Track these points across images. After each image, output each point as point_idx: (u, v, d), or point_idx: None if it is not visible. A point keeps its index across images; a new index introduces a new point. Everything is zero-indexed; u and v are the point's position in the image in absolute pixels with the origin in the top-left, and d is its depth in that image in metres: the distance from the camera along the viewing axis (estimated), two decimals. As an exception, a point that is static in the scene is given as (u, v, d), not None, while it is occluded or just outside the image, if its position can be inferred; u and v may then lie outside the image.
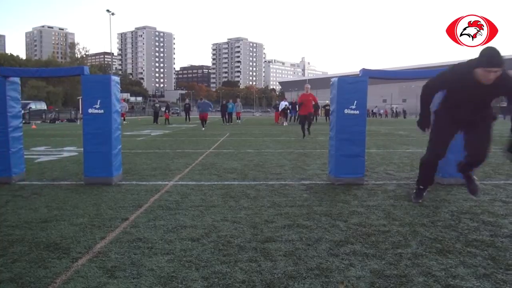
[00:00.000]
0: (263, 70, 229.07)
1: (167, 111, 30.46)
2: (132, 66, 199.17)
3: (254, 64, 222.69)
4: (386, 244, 3.22)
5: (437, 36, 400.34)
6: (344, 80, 5.83)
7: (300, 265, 2.79)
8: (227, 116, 29.68)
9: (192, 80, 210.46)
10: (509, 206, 4.51)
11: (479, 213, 4.20)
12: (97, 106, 5.70)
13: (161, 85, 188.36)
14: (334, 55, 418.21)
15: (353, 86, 5.74)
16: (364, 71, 5.84)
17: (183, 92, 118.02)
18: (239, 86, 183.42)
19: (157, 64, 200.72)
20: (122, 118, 31.37)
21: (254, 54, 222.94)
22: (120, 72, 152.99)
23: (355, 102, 5.70)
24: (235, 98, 35.14)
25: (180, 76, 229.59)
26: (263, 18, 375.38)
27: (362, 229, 3.61)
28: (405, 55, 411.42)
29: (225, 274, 2.64)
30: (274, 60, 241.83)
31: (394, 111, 70.86)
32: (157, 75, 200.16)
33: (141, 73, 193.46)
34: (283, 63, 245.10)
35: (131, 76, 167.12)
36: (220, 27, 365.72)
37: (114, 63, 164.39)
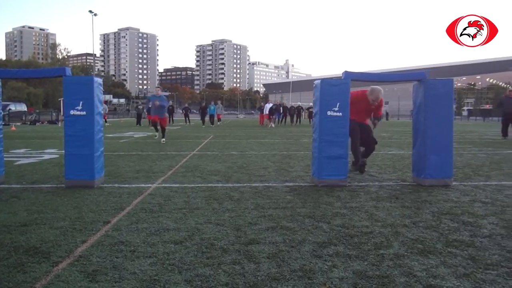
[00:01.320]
0: (247, 72, 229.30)
1: (147, 112, 30.19)
2: (115, 68, 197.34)
3: (238, 66, 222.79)
4: (369, 245, 3.24)
5: (419, 40, 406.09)
6: (327, 83, 5.88)
7: (284, 267, 2.79)
8: (209, 118, 29.43)
9: (175, 82, 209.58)
10: (488, 206, 4.59)
11: (459, 213, 4.27)
12: (79, 107, 5.63)
13: (145, 87, 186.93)
14: (317, 57, 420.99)
15: (336, 89, 5.79)
16: (347, 74, 5.89)
17: (167, 94, 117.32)
18: (223, 88, 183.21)
19: (140, 66, 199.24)
20: (104, 120, 31.01)
21: (238, 56, 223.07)
22: (102, 74, 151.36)
23: (338, 104, 5.75)
24: (216, 100, 34.95)
25: (164, 77, 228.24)
26: (247, 20, 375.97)
27: (345, 231, 3.64)
28: (387, 58, 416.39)
29: (208, 276, 2.63)
30: (258, 62, 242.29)
31: None
32: (140, 76, 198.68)
33: (124, 74, 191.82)
34: (267, 65, 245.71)
35: (114, 78, 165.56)
36: (204, 28, 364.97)
37: (96, 64, 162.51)
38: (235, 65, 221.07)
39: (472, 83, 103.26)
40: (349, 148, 6.17)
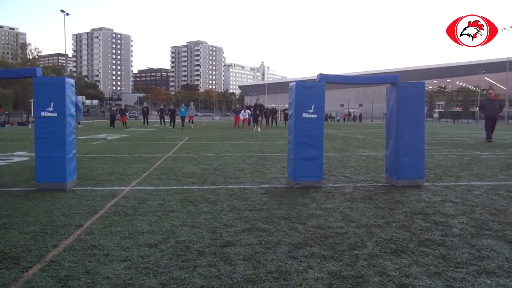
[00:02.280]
0: (223, 74, 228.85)
1: (120, 114, 29.78)
2: (88, 68, 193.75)
3: (214, 67, 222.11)
4: (343, 246, 3.28)
5: (392, 44, 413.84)
6: (302, 85, 5.92)
7: (259, 268, 2.79)
8: (181, 121, 29.04)
9: (150, 83, 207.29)
10: (458, 206, 4.71)
11: (431, 213, 4.37)
12: (50, 109, 5.50)
13: (118, 88, 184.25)
14: (293, 60, 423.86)
15: (311, 91, 5.84)
16: (322, 76, 5.95)
17: (141, 95, 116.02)
18: (198, 89, 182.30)
19: (114, 67, 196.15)
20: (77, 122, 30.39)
21: (214, 58, 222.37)
22: (75, 74, 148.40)
23: (313, 106, 5.80)
24: (189, 102, 34.83)
25: (138, 79, 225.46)
26: (223, 22, 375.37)
27: (320, 232, 3.67)
28: (361, 61, 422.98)
29: (184, 280, 2.61)
30: (234, 64, 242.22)
31: (353, 115, 72.64)
32: (114, 77, 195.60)
33: (97, 75, 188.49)
34: (242, 67, 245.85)
35: (86, 79, 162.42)
36: (179, 30, 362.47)
37: (68, 65, 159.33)
38: (210, 67, 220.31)
39: (443, 86, 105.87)
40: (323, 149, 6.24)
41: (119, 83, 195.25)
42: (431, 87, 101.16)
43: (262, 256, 3.04)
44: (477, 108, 23.12)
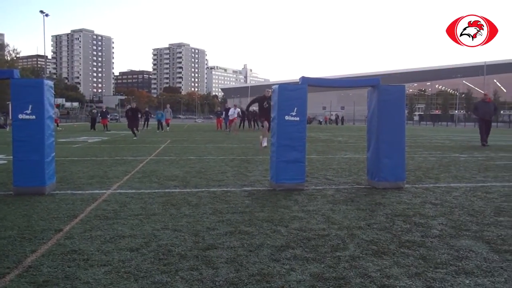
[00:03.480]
0: (205, 76, 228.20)
1: (101, 117, 29.45)
2: (68, 70, 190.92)
3: (196, 70, 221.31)
4: (326, 248, 3.30)
5: (373, 47, 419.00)
6: (285, 88, 5.94)
7: (242, 271, 2.79)
8: (157, 124, 28.08)
9: (132, 85, 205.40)
10: (438, 208, 4.78)
11: (411, 215, 4.43)
12: (29, 111, 5.40)
13: (99, 90, 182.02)
14: (275, 62, 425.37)
15: (293, 93, 5.86)
16: (304, 79, 5.98)
17: (123, 97, 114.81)
18: (181, 92, 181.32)
19: (95, 69, 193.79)
20: (56, 124, 29.92)
21: (196, 60, 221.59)
22: (54, 76, 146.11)
23: (296, 109, 5.83)
24: (172, 105, 34.56)
25: (120, 81, 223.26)
26: (205, 24, 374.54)
27: (302, 234, 3.68)
28: (343, 64, 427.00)
29: (165, 284, 2.58)
30: (217, 66, 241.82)
31: (336, 117, 73.13)
32: (94, 79, 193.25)
33: (78, 77, 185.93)
34: (225, 70, 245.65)
35: (66, 81, 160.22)
36: (161, 32, 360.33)
37: (48, 66, 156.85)
38: (193, 69, 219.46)
39: (423, 89, 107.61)
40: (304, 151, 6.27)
41: (100, 85, 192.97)
42: (411, 90, 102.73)
43: (244, 259, 3.03)
44: (472, 111, 22.03)
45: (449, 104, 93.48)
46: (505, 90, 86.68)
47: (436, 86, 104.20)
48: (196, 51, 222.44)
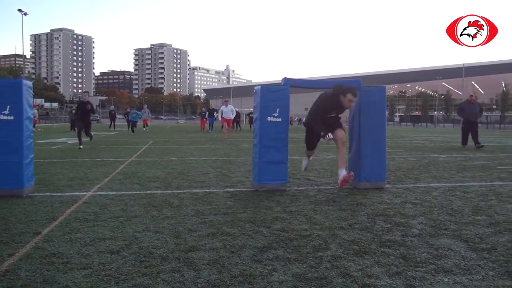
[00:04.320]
0: (188, 77, 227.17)
1: None
2: (47, 70, 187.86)
3: (178, 71, 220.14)
4: (308, 248, 3.31)
5: (355, 48, 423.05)
6: (267, 89, 5.96)
7: (224, 273, 2.78)
8: (131, 125, 26.57)
9: (113, 86, 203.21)
10: (418, 207, 4.85)
11: (392, 215, 4.48)
12: (7, 112, 5.29)
13: (80, 91, 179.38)
14: (258, 63, 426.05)
15: (276, 94, 5.88)
16: (286, 80, 6.00)
17: (103, 98, 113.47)
18: (163, 92, 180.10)
19: (75, 69, 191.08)
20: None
21: (179, 61, 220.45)
22: (33, 76, 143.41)
23: (278, 110, 5.84)
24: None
25: (100, 81, 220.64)
26: (188, 24, 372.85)
27: (284, 234, 3.69)
28: (325, 65, 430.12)
29: (147, 286, 2.56)
30: (199, 67, 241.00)
31: None
32: (75, 80, 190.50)
33: (57, 77, 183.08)
34: (208, 71, 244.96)
35: (45, 81, 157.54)
36: (143, 32, 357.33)
37: (26, 66, 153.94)
38: (175, 70, 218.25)
39: (403, 90, 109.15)
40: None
41: (80, 85, 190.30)
42: (392, 91, 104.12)
43: (226, 260, 3.02)
44: (456, 112, 20.31)
45: (428, 105, 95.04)
46: (482, 92, 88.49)
47: (416, 87, 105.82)
48: (178, 51, 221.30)
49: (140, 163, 9.11)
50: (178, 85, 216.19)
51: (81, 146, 13.02)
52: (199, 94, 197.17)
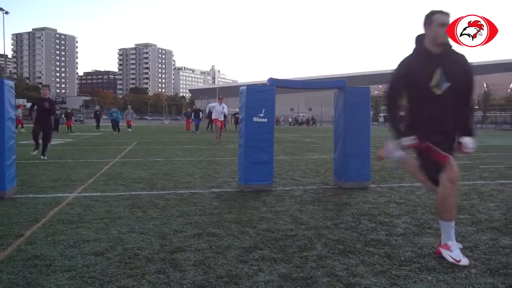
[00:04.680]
0: (173, 77, 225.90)
1: (65, 118, 28.71)
2: (29, 70, 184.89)
3: (164, 71, 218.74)
4: (293, 248, 3.32)
5: (340, 49, 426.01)
6: (253, 89, 5.96)
7: (210, 273, 2.77)
8: (112, 126, 25.28)
9: (97, 86, 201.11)
10: (402, 207, 4.91)
11: (377, 214, 4.52)
12: (-13, 112, 5.19)
13: (63, 91, 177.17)
14: (244, 63, 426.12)
15: (262, 95, 5.89)
16: (272, 81, 6.01)
17: (87, 98, 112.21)
18: (147, 93, 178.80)
19: (57, 69, 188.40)
20: (20, 125, 28.91)
21: (163, 61, 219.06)
22: (15, 76, 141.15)
23: (264, 110, 5.85)
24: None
25: (84, 81, 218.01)
26: (172, 24, 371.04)
27: (270, 235, 3.70)
28: (310, 66, 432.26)
29: (132, 288, 2.54)
30: (184, 67, 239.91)
31: (312, 118, 73.73)
32: (58, 80, 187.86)
33: (40, 77, 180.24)
34: (193, 71, 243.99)
35: (28, 81, 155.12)
36: (127, 32, 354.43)
37: (8, 66, 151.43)
38: (160, 70, 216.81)
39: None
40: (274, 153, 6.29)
41: (63, 85, 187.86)
42: (376, 92, 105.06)
43: (212, 261, 3.02)
44: None
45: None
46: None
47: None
48: (163, 51, 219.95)
49: (125, 164, 9.04)
50: (163, 85, 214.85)
51: (35, 152, 10.29)
52: (184, 95, 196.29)
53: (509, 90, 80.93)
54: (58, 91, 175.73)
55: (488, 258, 3.10)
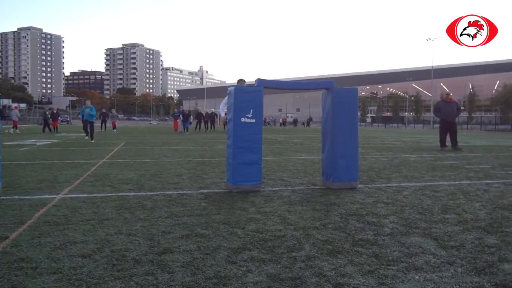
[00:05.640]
0: (161, 77, 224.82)
1: (52, 119, 28.40)
2: (15, 70, 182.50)
3: (151, 71, 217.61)
4: (282, 249, 3.33)
5: (327, 50, 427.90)
6: (241, 89, 5.96)
7: (198, 275, 2.76)
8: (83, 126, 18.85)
9: (83, 86, 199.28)
10: (390, 207, 4.95)
11: (364, 214, 4.55)
12: (-29, 113, 5.10)
13: (49, 91, 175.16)
14: (232, 64, 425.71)
15: (250, 95, 5.88)
16: (260, 81, 6.01)
17: (74, 98, 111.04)
18: (135, 93, 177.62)
19: (43, 69, 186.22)
20: (15, 127, 28.54)
21: (151, 61, 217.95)
22: (0, 76, 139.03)
23: (252, 110, 5.85)
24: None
25: (70, 82, 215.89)
26: (160, 24, 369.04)
27: (259, 235, 3.70)
28: (298, 66, 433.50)
29: (119, 290, 2.51)
30: (172, 67, 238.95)
31: (309, 119, 73.73)
32: (43, 80, 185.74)
33: (25, 77, 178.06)
34: (181, 71, 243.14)
35: (13, 81, 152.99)
36: (115, 32, 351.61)
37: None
38: (147, 70, 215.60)
39: (375, 92, 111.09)
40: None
41: (49, 85, 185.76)
42: (364, 93, 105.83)
43: (201, 262, 3.00)
44: (432, 112, 18.51)
45: (399, 107, 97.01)
46: (450, 93, 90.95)
47: (387, 89, 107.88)
48: (151, 51, 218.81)
49: (112, 165, 8.96)
50: (151, 86, 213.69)
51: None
52: (172, 95, 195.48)
53: (494, 91, 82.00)
54: (44, 91, 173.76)
55: (474, 257, 3.14)
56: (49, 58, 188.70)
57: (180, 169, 8.36)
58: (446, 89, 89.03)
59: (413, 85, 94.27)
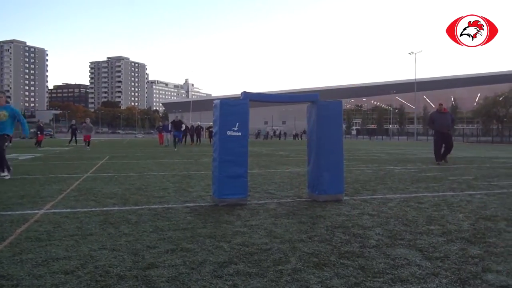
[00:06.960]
0: (146, 90, 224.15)
1: (38, 132, 28.05)
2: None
3: (137, 84, 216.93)
4: (268, 262, 3.31)
5: (311, 63, 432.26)
6: (226, 103, 5.96)
7: (184, 290, 2.73)
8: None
9: (68, 99, 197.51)
10: (375, 218, 4.97)
11: (350, 226, 4.56)
12: (-49, 127, 5.00)
13: (32, 105, 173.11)
14: (217, 77, 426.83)
15: (235, 108, 5.89)
16: (245, 94, 6.03)
17: (57, 112, 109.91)
18: (120, 106, 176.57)
19: (27, 82, 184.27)
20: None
21: (136, 74, 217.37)
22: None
23: (237, 124, 5.85)
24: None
25: (54, 95, 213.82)
26: (145, 38, 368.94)
27: (245, 249, 3.67)
28: (283, 80, 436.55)
29: (103, 307, 2.47)
30: (157, 81, 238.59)
31: (303, 132, 73.80)
32: (27, 93, 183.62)
33: (8, 90, 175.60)
34: (166, 84, 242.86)
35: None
36: (99, 45, 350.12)
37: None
38: (133, 83, 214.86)
39: (360, 104, 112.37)
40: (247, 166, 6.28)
41: (32, 99, 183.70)
42: (348, 105, 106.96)
43: (186, 276, 2.97)
44: (427, 124, 18.21)
45: (383, 119, 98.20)
46: (433, 106, 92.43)
47: (372, 101, 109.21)
48: (136, 65, 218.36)
49: (96, 179, 8.85)
50: (136, 99, 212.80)
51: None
52: (157, 108, 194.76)
53: (475, 104, 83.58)
54: (27, 104, 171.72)
55: (458, 267, 3.17)
56: (32, 71, 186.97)
57: (165, 182, 8.30)
58: (429, 101, 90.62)
59: (397, 97, 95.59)
